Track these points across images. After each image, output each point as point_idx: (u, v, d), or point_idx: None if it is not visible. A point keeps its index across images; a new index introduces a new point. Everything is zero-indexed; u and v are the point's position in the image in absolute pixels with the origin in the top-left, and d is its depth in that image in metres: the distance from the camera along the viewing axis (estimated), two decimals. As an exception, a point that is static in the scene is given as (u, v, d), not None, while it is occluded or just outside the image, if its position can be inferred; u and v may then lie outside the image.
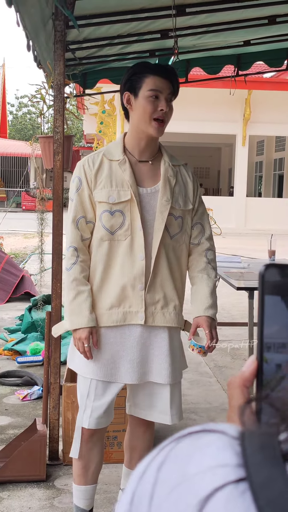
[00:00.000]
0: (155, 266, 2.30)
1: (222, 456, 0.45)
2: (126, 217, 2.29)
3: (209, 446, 0.46)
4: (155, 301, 2.32)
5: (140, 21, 3.80)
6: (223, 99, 16.73)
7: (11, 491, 2.96)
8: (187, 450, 0.47)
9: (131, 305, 2.29)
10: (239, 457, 0.44)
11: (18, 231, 16.57)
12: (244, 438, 0.46)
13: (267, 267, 0.51)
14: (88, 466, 2.44)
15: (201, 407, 4.13)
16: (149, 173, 2.36)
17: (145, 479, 0.48)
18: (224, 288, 5.35)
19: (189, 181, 2.43)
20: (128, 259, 2.29)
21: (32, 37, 3.27)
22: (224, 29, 4.22)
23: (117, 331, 2.31)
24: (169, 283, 2.34)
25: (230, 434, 0.47)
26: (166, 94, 2.28)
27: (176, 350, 2.39)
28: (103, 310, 2.31)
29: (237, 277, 4.64)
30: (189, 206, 2.40)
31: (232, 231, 19.34)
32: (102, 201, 2.30)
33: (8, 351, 5.26)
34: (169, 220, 2.32)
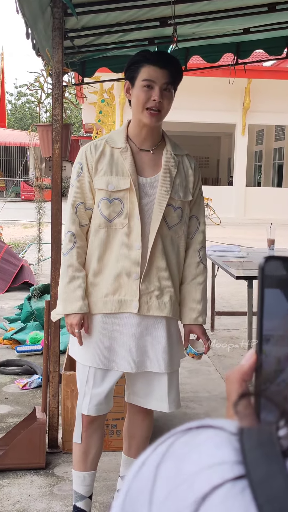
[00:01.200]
0: (151, 256, 2.30)
1: (220, 453, 0.44)
2: (124, 205, 2.29)
3: (207, 443, 0.45)
4: (150, 290, 2.32)
5: (139, 8, 3.77)
6: (223, 88, 16.65)
7: (11, 478, 2.98)
8: (186, 447, 0.46)
9: (126, 293, 2.30)
10: (238, 453, 0.44)
11: (17, 221, 16.56)
12: (243, 434, 0.45)
13: (267, 260, 0.51)
14: (88, 452, 2.46)
15: (201, 395, 4.14)
16: (150, 162, 2.35)
17: (143, 474, 0.47)
18: (223, 277, 5.35)
19: (190, 172, 2.41)
20: (124, 248, 2.29)
21: (30, 24, 3.25)
22: (223, 16, 4.20)
23: (115, 319, 2.32)
24: (165, 273, 2.33)
25: (229, 430, 0.46)
26: (161, 83, 2.26)
27: (173, 339, 2.40)
28: (99, 297, 2.32)
29: (236, 266, 4.64)
30: (189, 197, 2.39)
31: (232, 220, 19.33)
32: (101, 189, 2.30)
33: (8, 340, 5.27)
34: (167, 210, 2.32)
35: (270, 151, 25.24)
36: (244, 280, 4.34)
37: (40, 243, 5.93)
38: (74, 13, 2.93)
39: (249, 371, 0.53)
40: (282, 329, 0.50)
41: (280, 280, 0.51)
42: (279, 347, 0.50)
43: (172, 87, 2.30)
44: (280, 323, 0.50)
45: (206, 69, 6.42)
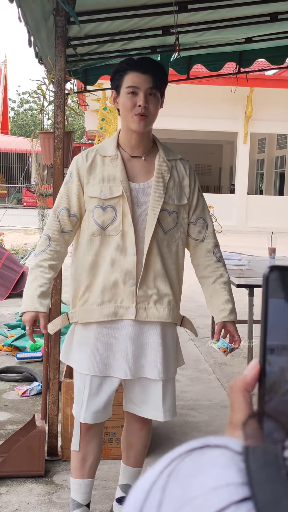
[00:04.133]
0: (146, 261, 2.30)
1: (225, 474, 0.43)
2: (117, 212, 2.29)
3: (212, 464, 0.45)
4: (147, 296, 2.32)
5: (142, 17, 3.79)
6: (225, 96, 16.69)
7: (9, 486, 2.97)
8: (191, 469, 0.46)
9: (122, 301, 2.30)
10: (243, 474, 0.43)
11: (18, 227, 16.57)
12: (248, 454, 0.45)
13: (271, 270, 0.51)
14: (86, 459, 2.45)
15: (201, 404, 4.13)
16: (142, 168, 2.36)
17: (152, 498, 0.46)
18: (224, 285, 5.35)
19: (185, 176, 2.41)
20: (119, 255, 2.29)
21: (33, 32, 3.27)
22: (226, 26, 4.22)
23: (111, 327, 2.32)
24: (162, 278, 2.34)
25: (234, 449, 0.46)
26: (145, 88, 2.26)
27: (170, 346, 2.39)
28: (95, 306, 2.32)
29: (237, 274, 4.64)
30: (184, 201, 2.39)
31: (233, 228, 19.33)
32: (94, 197, 2.31)
33: (8, 347, 5.26)
34: (162, 215, 2.32)
35: (272, 159, 25.27)
36: (245, 288, 4.33)
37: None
38: (77, 21, 2.95)
39: (252, 381, 0.52)
40: (286, 339, 0.50)
41: (284, 290, 0.50)
42: (283, 357, 0.50)
43: (157, 91, 2.30)
44: (284, 333, 0.50)
45: (208, 78, 6.44)
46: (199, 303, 7.42)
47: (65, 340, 2.46)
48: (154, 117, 2.31)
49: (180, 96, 16.48)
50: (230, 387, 0.54)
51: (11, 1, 2.49)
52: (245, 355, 5.14)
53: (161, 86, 2.31)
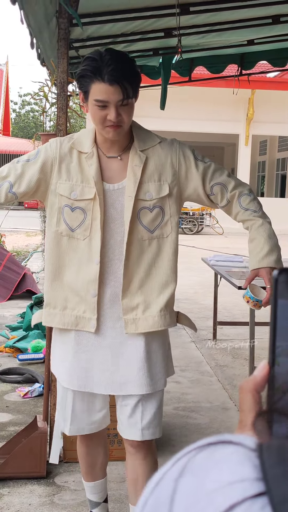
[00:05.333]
0: (126, 269, 2.10)
1: (240, 470, 0.44)
2: (87, 215, 2.10)
3: (227, 460, 0.45)
4: (133, 306, 2.12)
5: (144, 19, 3.80)
6: (226, 99, 16.72)
7: (11, 487, 2.97)
8: (206, 463, 0.46)
9: (85, 310, 2.13)
10: (258, 470, 0.44)
11: (20, 229, 16.59)
12: (262, 450, 0.45)
13: (280, 272, 0.51)
14: (94, 465, 2.42)
15: (202, 406, 4.13)
16: (118, 168, 2.13)
17: (162, 487, 0.47)
18: (225, 287, 5.35)
19: (165, 161, 2.13)
20: (84, 261, 2.11)
21: (35, 34, 3.28)
22: (228, 28, 4.23)
23: (90, 337, 2.15)
24: (149, 284, 2.13)
25: (248, 446, 0.46)
26: (115, 101, 1.97)
27: (157, 354, 2.18)
28: (57, 310, 2.16)
29: (238, 276, 4.64)
30: (165, 191, 2.12)
31: (235, 230, 19.31)
32: (63, 195, 2.12)
33: (10, 349, 5.27)
34: (143, 214, 2.10)
35: (273, 161, 25.28)
36: (247, 290, 4.32)
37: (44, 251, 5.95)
38: (80, 24, 2.95)
39: (262, 382, 0.53)
40: None
41: None
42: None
43: (130, 99, 2.01)
44: None
45: (210, 80, 6.45)
46: (201, 305, 7.43)
47: (52, 344, 2.35)
48: (128, 123, 2.06)
49: (182, 98, 16.49)
50: (240, 387, 0.55)
51: (14, 3, 2.50)
52: (247, 357, 5.14)
53: (134, 93, 2.02)
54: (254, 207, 2.19)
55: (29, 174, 2.13)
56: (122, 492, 2.94)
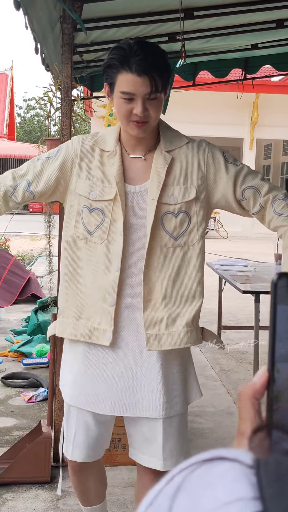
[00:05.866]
0: (147, 279, 1.93)
1: (236, 488, 0.43)
2: (105, 217, 1.95)
3: (223, 478, 0.44)
4: (156, 320, 1.94)
5: (148, 24, 3.81)
6: (231, 102, 16.71)
7: (15, 492, 2.97)
8: (201, 481, 0.45)
9: (100, 322, 1.95)
10: (255, 488, 0.42)
11: (25, 233, 16.61)
12: (259, 467, 0.44)
13: (280, 276, 0.51)
14: (87, 492, 2.22)
15: (207, 410, 4.12)
16: (142, 169, 1.98)
17: (157, 506, 0.46)
18: (230, 291, 5.34)
19: (193, 162, 1.97)
20: (102, 268, 1.94)
21: (40, 40, 3.29)
22: (231, 32, 4.23)
23: (100, 350, 1.98)
24: (174, 296, 1.95)
25: (244, 463, 0.45)
26: (143, 94, 1.83)
27: (174, 375, 1.99)
28: (70, 319, 2.00)
29: (243, 280, 4.63)
30: (191, 195, 1.95)
31: (239, 234, 19.32)
32: (82, 195, 1.98)
33: (14, 353, 5.27)
34: (166, 219, 1.94)
35: (278, 165, 25.25)
36: (251, 294, 4.32)
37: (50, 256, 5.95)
38: (84, 29, 2.96)
39: (261, 389, 0.52)
40: None
41: None
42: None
43: (158, 94, 1.86)
44: None
45: (214, 84, 6.45)
46: (206, 309, 7.39)
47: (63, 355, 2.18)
48: (155, 120, 1.91)
49: (186, 102, 16.50)
50: (239, 394, 0.54)
51: (18, 9, 2.51)
52: (251, 361, 5.13)
53: (163, 86, 1.87)
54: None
55: (48, 172, 2.00)
56: (126, 497, 2.93)
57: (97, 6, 3.29)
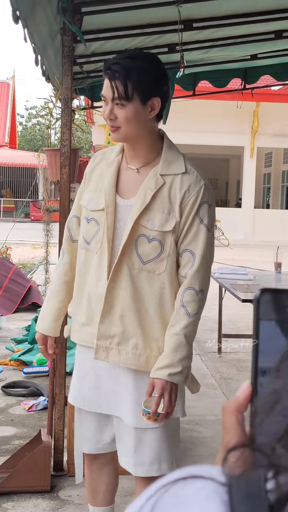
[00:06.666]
0: (110, 292, 1.96)
1: (208, 507, 0.44)
2: (100, 227, 2.00)
3: (196, 496, 0.45)
4: (110, 334, 1.98)
5: (147, 35, 3.85)
6: (231, 111, 16.77)
7: (15, 501, 2.97)
8: (174, 500, 0.46)
9: (94, 327, 2.03)
10: (226, 506, 0.43)
11: (26, 242, 16.64)
12: (232, 485, 0.45)
13: (262, 292, 0.52)
14: (96, 489, 2.27)
15: (207, 419, 4.12)
16: (134, 182, 1.99)
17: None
18: (230, 300, 5.35)
19: (177, 196, 1.94)
20: (95, 277, 2.01)
21: (40, 52, 3.32)
22: (231, 43, 4.27)
23: (91, 352, 2.06)
24: (132, 317, 1.95)
25: (218, 480, 0.46)
26: (110, 98, 1.89)
27: (143, 392, 1.99)
28: (77, 326, 2.11)
29: (243, 289, 4.65)
30: (169, 226, 1.93)
31: (240, 242, 19.34)
32: (84, 206, 2.08)
33: (15, 362, 5.28)
34: (140, 241, 1.94)
35: (278, 173, 25.30)
36: (251, 303, 4.34)
37: (47, 264, 5.97)
38: (83, 41, 2.99)
39: (244, 402, 0.53)
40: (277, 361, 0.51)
41: (276, 312, 0.52)
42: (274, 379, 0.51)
43: (124, 101, 1.87)
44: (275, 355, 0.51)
45: (214, 94, 6.49)
46: (206, 317, 7.40)
47: None
48: (128, 128, 1.90)
49: (186, 111, 16.57)
50: (223, 408, 0.55)
51: (16, 22, 2.53)
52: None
53: (131, 93, 1.86)
54: (190, 309, 1.94)
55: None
56: (126, 506, 2.94)
57: (97, 18, 3.33)
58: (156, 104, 1.92)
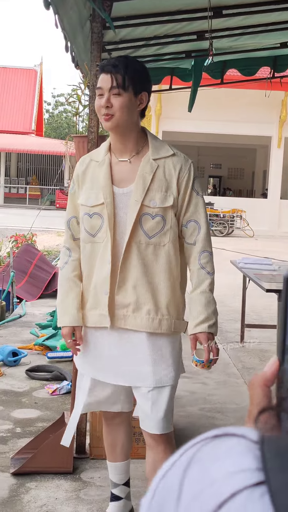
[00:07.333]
0: (122, 268, 2.25)
1: (242, 461, 0.47)
2: (103, 219, 2.28)
3: (230, 451, 0.48)
4: (125, 304, 2.28)
5: (177, 22, 3.83)
6: (259, 100, 16.61)
7: (38, 481, 3.03)
8: (211, 454, 0.49)
9: (102, 309, 2.30)
10: (259, 461, 0.46)
11: (51, 229, 16.75)
12: (264, 443, 0.48)
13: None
14: (115, 445, 2.57)
15: (228, 407, 4.14)
16: (128, 172, 2.30)
17: (171, 476, 0.51)
18: (254, 290, 5.34)
19: (173, 175, 2.28)
20: (101, 262, 2.29)
21: (70, 38, 3.33)
22: (260, 31, 4.23)
23: (104, 332, 2.34)
24: (143, 286, 2.26)
25: (251, 439, 0.49)
26: (107, 89, 2.22)
27: (161, 353, 2.30)
28: (86, 311, 2.38)
29: (267, 279, 4.64)
30: (169, 202, 2.26)
31: (265, 233, 19.20)
32: (82, 204, 2.34)
33: (39, 346, 5.35)
34: (144, 219, 2.25)
35: (306, 164, 25.03)
36: (275, 293, 4.33)
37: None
38: (113, 28, 3.00)
39: (271, 377, 0.56)
40: None
41: None
42: None
43: (121, 90, 2.21)
44: None
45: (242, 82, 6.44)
46: (230, 307, 7.41)
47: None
48: (122, 115, 2.23)
49: (214, 100, 16.46)
50: (250, 382, 0.58)
51: (47, 8, 2.55)
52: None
53: (127, 84, 2.22)
54: (209, 269, 2.31)
55: (76, 200, 2.41)
56: (146, 489, 2.97)
57: (126, 5, 3.33)
58: (144, 98, 2.28)
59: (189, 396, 4.25)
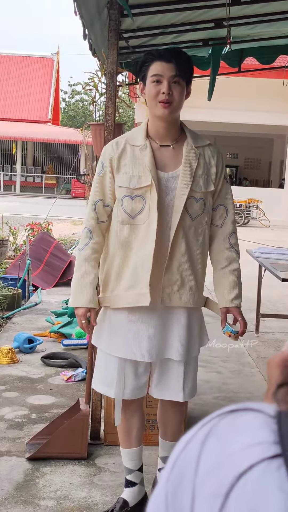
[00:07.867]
0: (172, 248, 2.38)
1: (259, 434, 0.48)
2: (146, 202, 2.36)
3: (248, 425, 0.50)
4: (172, 282, 2.41)
5: (194, 10, 3.81)
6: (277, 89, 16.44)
7: (53, 467, 3.07)
8: (229, 427, 0.51)
9: (142, 287, 2.37)
10: (275, 435, 0.48)
11: (67, 218, 16.80)
12: (281, 417, 0.49)
13: None
14: (130, 432, 2.64)
15: (242, 396, 4.15)
16: (171, 157, 2.42)
17: (188, 450, 0.52)
18: (270, 280, 5.33)
19: (212, 162, 2.46)
20: (143, 242, 2.36)
21: (87, 26, 3.33)
22: (278, 18, 4.19)
23: (140, 312, 2.42)
24: (186, 265, 2.41)
25: (268, 413, 0.50)
26: (168, 76, 2.33)
27: (194, 328, 2.50)
28: (122, 292, 2.42)
29: (284, 268, 4.62)
30: (211, 187, 2.45)
31: (282, 223, 19.10)
32: (123, 186, 2.39)
33: (54, 334, 5.39)
34: (189, 202, 2.39)
35: None
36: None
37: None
38: (130, 15, 2.99)
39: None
40: None
41: None
42: None
43: (181, 79, 2.35)
44: None
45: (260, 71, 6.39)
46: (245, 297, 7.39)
47: (97, 323, 2.54)
48: (179, 104, 2.37)
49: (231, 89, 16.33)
50: (268, 362, 0.59)
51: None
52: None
53: (185, 74, 2.36)
54: (237, 250, 2.55)
55: (106, 183, 2.44)
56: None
57: (144, -8, 3.31)
58: (190, 91, 2.44)
59: (204, 385, 4.26)
